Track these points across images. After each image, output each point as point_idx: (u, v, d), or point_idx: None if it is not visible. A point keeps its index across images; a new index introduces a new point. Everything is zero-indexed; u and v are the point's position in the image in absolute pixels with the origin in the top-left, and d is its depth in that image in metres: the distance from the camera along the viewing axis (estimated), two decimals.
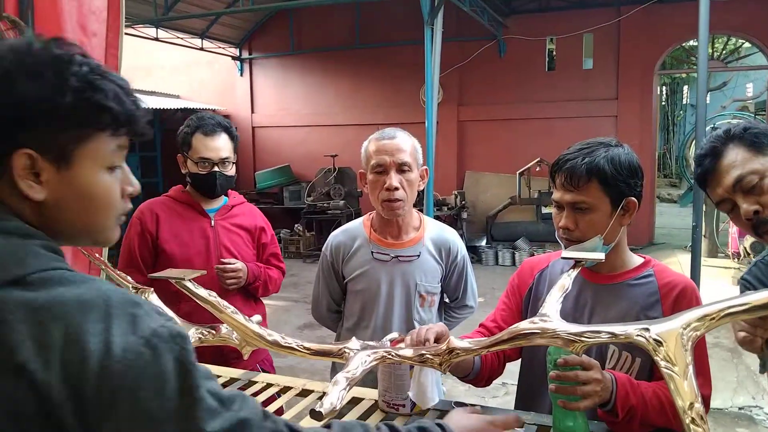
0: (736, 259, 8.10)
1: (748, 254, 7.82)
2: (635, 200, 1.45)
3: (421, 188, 2.00)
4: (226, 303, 1.31)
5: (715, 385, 4.39)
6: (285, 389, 1.60)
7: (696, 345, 1.33)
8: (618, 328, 1.03)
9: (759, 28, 8.55)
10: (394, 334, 1.45)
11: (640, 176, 1.46)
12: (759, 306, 0.95)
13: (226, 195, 2.41)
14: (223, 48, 11.45)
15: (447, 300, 2.15)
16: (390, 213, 1.91)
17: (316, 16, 10.64)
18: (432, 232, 2.03)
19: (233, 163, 2.33)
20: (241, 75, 11.67)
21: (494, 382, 1.68)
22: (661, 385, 1.34)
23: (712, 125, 9.99)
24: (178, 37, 10.60)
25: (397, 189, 1.87)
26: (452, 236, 2.07)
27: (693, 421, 0.89)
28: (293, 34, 11.12)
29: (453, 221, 9.37)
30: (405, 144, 1.91)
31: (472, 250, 9.46)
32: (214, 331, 1.42)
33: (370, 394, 1.52)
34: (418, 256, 1.97)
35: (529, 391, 1.59)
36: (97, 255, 1.68)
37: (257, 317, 1.55)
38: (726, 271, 7.68)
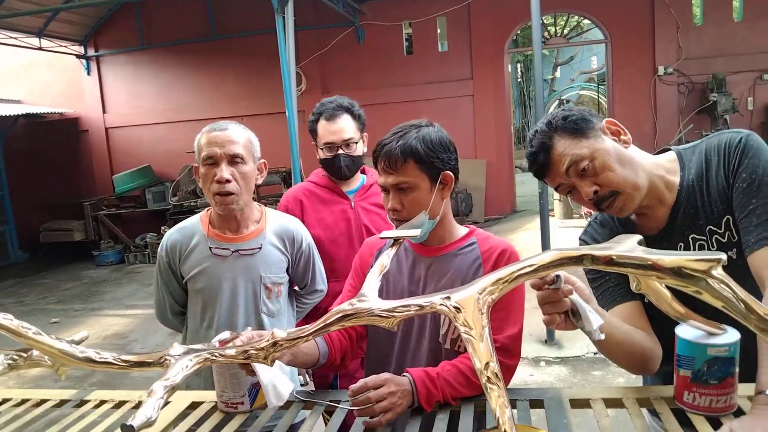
0: (588, 218, 8.78)
1: None
2: (451, 174, 1.52)
3: (259, 182, 1.97)
4: (26, 324, 1.21)
5: (573, 335, 4.74)
6: (120, 403, 1.52)
7: (510, 299, 1.44)
8: (424, 300, 1.07)
9: (593, 5, 9.24)
10: (225, 334, 1.42)
11: (452, 151, 1.53)
12: (543, 265, 1.02)
13: (364, 173, 2.48)
14: (66, 46, 10.59)
15: (297, 288, 2.13)
16: (223, 207, 1.85)
17: (165, 7, 10.10)
18: (274, 224, 2.00)
19: (357, 142, 2.35)
20: (89, 74, 10.87)
21: None
22: (467, 356, 1.42)
23: (560, 98, 10.72)
24: (11, 37, 9.66)
25: (228, 181, 1.82)
26: (295, 225, 2.05)
27: (489, 379, 0.94)
28: (142, 27, 10.51)
29: None
30: (237, 136, 1.87)
31: None
32: (24, 355, 1.30)
33: (210, 397, 1.48)
34: (260, 248, 1.94)
35: (376, 361, 1.63)
36: None
37: (82, 333, 1.46)
38: (580, 230, 8.32)
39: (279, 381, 1.38)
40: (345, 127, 2.30)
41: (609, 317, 1.29)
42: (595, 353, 4.53)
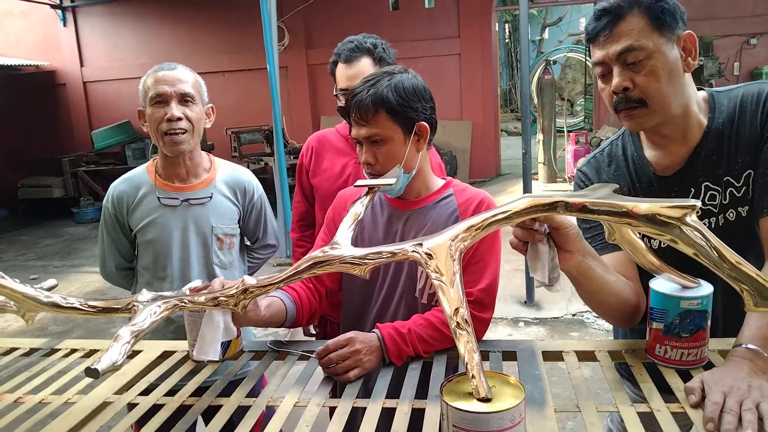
0: (572, 182, 8.82)
1: None
2: (426, 124, 1.46)
3: (207, 126, 1.93)
4: None
5: (552, 298, 4.78)
6: (91, 352, 1.50)
7: (486, 252, 1.42)
8: (395, 247, 1.05)
9: None
10: (196, 282, 1.39)
11: (427, 99, 1.47)
12: (516, 212, 1.01)
13: None
14: None
15: (248, 243, 2.10)
16: (173, 147, 1.81)
17: None
18: (224, 174, 1.96)
19: None
20: (65, 25, 10.53)
21: None
22: (440, 309, 1.41)
23: (547, 59, 10.62)
24: None
25: (180, 119, 1.78)
26: (247, 176, 2.01)
27: (458, 325, 0.93)
28: None
29: None
30: (186, 76, 1.84)
31: None
32: None
33: (182, 346, 1.47)
34: (210, 197, 1.90)
35: (353, 317, 1.62)
36: None
37: (51, 281, 1.42)
38: (564, 193, 8.36)
39: (212, 339, 1.34)
40: (363, 71, 2.01)
41: (596, 261, 1.24)
42: (573, 315, 4.59)
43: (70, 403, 1.25)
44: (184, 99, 1.80)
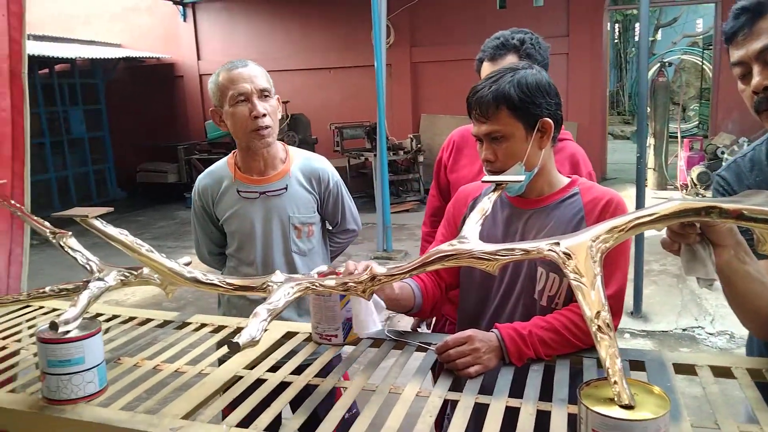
0: (684, 191, 8.34)
1: (695, 185, 8.07)
2: (550, 121, 1.42)
3: (279, 117, 1.98)
4: (139, 241, 1.27)
5: (660, 310, 4.54)
6: (219, 328, 1.59)
7: (617, 254, 1.37)
8: (530, 245, 1.03)
9: None
10: (322, 267, 1.44)
11: (552, 95, 1.43)
12: (665, 215, 0.96)
13: None
14: None
15: (330, 227, 2.16)
16: (261, 142, 1.87)
17: None
18: (299, 163, 2.01)
19: None
20: (185, 21, 11.18)
21: None
22: (562, 313, 1.37)
23: (661, 60, 10.08)
24: None
25: (264, 115, 1.85)
26: (321, 164, 2.05)
27: (599, 329, 0.90)
28: None
29: (410, 165, 9.35)
30: (259, 71, 1.91)
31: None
32: (135, 272, 1.37)
33: (305, 328, 1.52)
34: (286, 188, 1.96)
35: (469, 315, 1.61)
36: (12, 202, 1.60)
37: (186, 258, 1.52)
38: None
39: (366, 314, 1.40)
40: None
41: (750, 258, 1.15)
42: (683, 329, 4.35)
43: (203, 374, 1.32)
44: (264, 94, 1.86)
